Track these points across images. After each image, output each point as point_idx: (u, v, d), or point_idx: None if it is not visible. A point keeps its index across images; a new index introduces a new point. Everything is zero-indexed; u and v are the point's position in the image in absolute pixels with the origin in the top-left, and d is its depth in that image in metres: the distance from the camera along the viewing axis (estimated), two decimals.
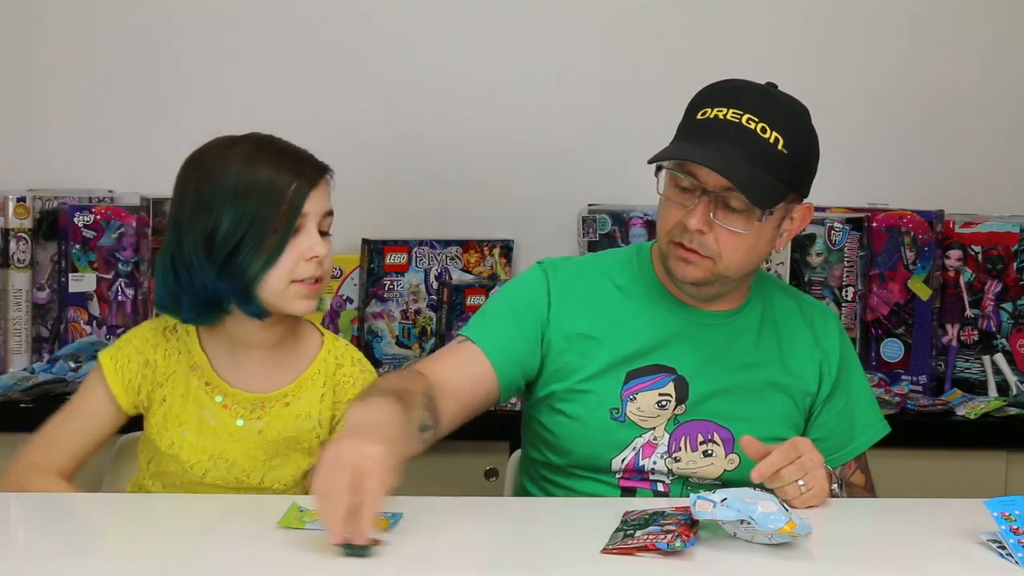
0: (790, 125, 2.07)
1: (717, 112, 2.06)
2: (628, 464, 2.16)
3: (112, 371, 2.17)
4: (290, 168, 2.08)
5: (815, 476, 1.97)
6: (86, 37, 3.12)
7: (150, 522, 1.95)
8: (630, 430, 2.16)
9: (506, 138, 3.16)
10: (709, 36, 3.17)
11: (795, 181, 2.09)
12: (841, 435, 2.24)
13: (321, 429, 2.16)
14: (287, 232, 2.06)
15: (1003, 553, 1.77)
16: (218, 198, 2.04)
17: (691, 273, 2.10)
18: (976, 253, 3.02)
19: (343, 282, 3.03)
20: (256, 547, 1.81)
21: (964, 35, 3.23)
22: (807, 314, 2.27)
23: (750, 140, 2.03)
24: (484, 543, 1.89)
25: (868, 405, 2.29)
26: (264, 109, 3.07)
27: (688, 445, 2.16)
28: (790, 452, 1.96)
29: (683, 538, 1.74)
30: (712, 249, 2.07)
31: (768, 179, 2.04)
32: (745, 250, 2.09)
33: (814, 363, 2.23)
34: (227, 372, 2.16)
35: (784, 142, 2.04)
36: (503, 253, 3.11)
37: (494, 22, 3.17)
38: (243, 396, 2.15)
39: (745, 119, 2.04)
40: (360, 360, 2.23)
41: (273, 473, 2.15)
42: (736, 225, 2.06)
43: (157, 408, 2.16)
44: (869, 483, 2.26)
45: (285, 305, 2.09)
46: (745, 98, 2.07)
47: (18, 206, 2.93)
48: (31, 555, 1.80)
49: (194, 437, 2.14)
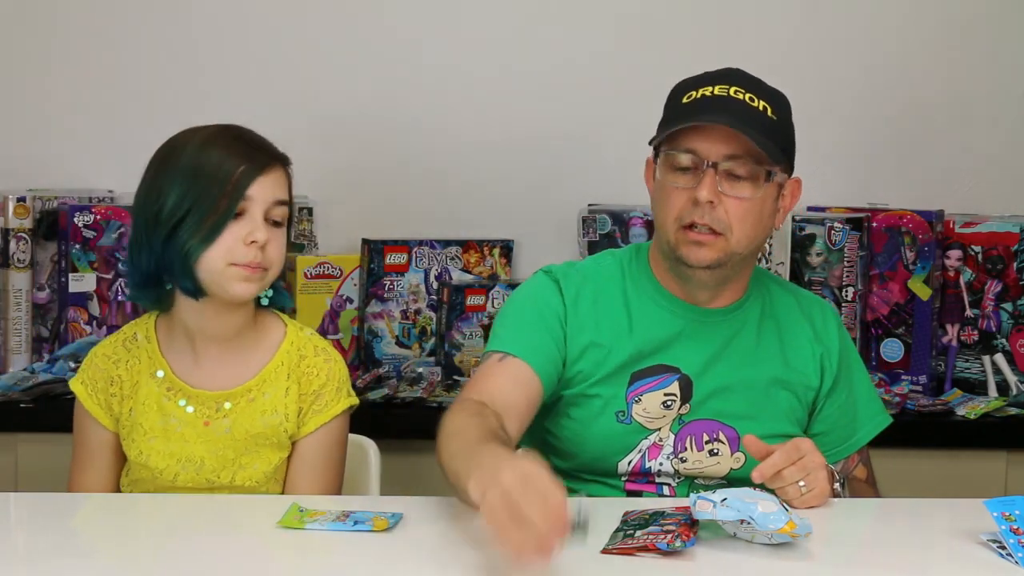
0: (772, 96, 2.12)
1: (704, 91, 2.09)
2: (635, 467, 2.16)
3: (86, 396, 2.17)
4: (241, 153, 2.07)
5: (816, 477, 1.97)
6: (86, 37, 3.12)
7: (149, 522, 1.95)
8: (636, 432, 2.15)
9: (506, 138, 3.16)
10: (710, 37, 3.17)
11: (786, 148, 2.13)
12: (844, 428, 2.24)
13: (288, 423, 2.14)
14: (228, 213, 2.04)
15: (1003, 553, 1.77)
16: (168, 178, 2.06)
17: (705, 256, 2.09)
18: (976, 253, 3.02)
19: (343, 282, 3.03)
20: (256, 547, 1.81)
21: (965, 35, 3.23)
22: (806, 309, 2.27)
23: (742, 107, 2.07)
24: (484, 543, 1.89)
25: (869, 397, 2.29)
26: (264, 109, 3.07)
27: (694, 445, 2.16)
28: (792, 453, 1.96)
29: (683, 538, 1.74)
30: (723, 222, 2.07)
31: (768, 140, 2.07)
32: (753, 220, 2.09)
33: (815, 358, 2.23)
34: (187, 373, 2.14)
35: (772, 109, 2.10)
36: (503, 253, 3.11)
37: (494, 22, 3.17)
38: (205, 395, 2.13)
39: (733, 91, 2.08)
40: (324, 349, 2.19)
41: (243, 471, 2.13)
42: (743, 192, 2.07)
43: (125, 420, 2.15)
44: (871, 477, 2.27)
45: (223, 286, 2.06)
46: (726, 76, 2.12)
47: (18, 206, 2.93)
48: (31, 555, 1.79)
49: (161, 443, 2.12)
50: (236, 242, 2.05)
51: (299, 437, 2.15)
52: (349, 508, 1.90)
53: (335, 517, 1.86)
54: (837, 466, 2.19)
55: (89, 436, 2.18)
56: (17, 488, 2.68)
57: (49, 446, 2.71)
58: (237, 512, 2.00)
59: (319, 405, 2.15)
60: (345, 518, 1.86)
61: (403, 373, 2.97)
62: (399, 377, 2.96)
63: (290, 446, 2.16)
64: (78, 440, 2.20)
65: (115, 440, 2.17)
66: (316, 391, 2.15)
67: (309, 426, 2.15)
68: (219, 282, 2.06)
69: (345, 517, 1.86)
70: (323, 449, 2.16)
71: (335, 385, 2.17)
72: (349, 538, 1.81)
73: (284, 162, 2.13)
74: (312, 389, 2.15)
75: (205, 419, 2.13)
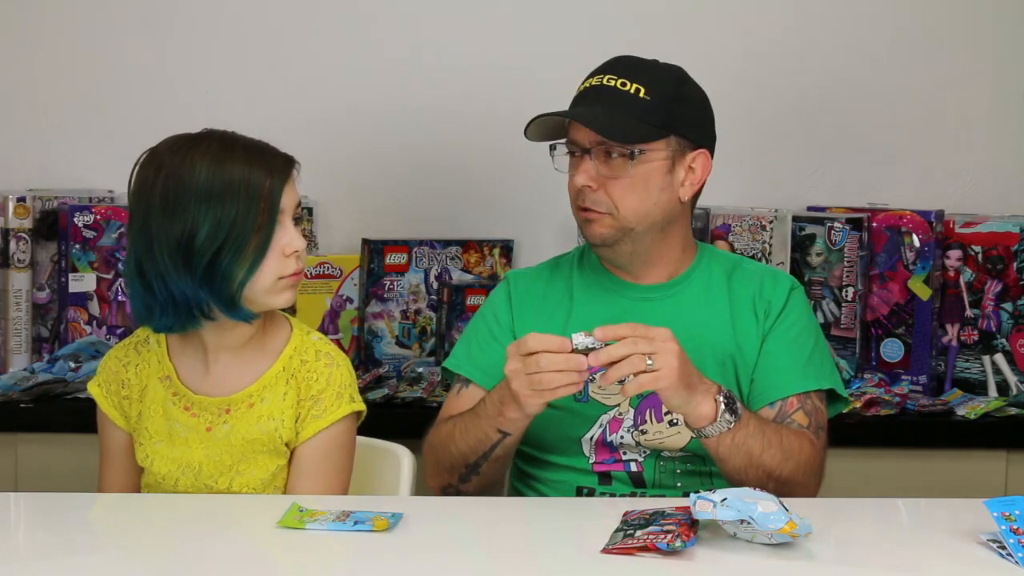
0: (651, 76, 2.21)
1: (587, 84, 2.25)
2: (597, 440, 2.21)
3: (102, 398, 2.17)
4: (261, 164, 2.03)
5: (665, 359, 1.98)
6: (86, 37, 3.12)
7: (150, 522, 1.94)
8: (594, 408, 2.22)
9: (506, 138, 3.15)
10: (709, 36, 3.17)
11: (667, 122, 2.19)
12: (772, 372, 2.23)
13: (284, 429, 2.10)
14: (269, 231, 2.02)
15: (1003, 553, 1.77)
16: (191, 202, 1.99)
17: (598, 231, 2.21)
18: (976, 253, 3.02)
19: (343, 282, 3.03)
20: (256, 547, 1.81)
21: (965, 35, 3.23)
22: (758, 276, 2.30)
23: (610, 94, 2.19)
24: (484, 543, 1.89)
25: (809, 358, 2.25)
26: (264, 109, 3.08)
27: (653, 417, 2.21)
28: (639, 328, 2.01)
29: (683, 538, 1.74)
30: (606, 203, 2.20)
31: (631, 121, 2.17)
32: (637, 197, 2.19)
33: (757, 317, 2.25)
34: (193, 380, 2.12)
35: (645, 90, 2.19)
36: (503, 253, 3.11)
37: (495, 22, 3.17)
38: (208, 402, 2.11)
39: (606, 79, 2.21)
40: (328, 354, 2.14)
41: (240, 478, 2.10)
42: (618, 172, 2.19)
43: (135, 423, 2.14)
44: (814, 426, 2.21)
45: (270, 301, 2.06)
46: (609, 66, 2.24)
47: (18, 206, 2.93)
48: (31, 555, 1.80)
49: (165, 448, 2.11)
50: (279, 256, 2.04)
51: (297, 443, 2.12)
52: (349, 508, 1.90)
53: (335, 517, 1.86)
54: (774, 409, 2.19)
55: (108, 438, 2.18)
56: (17, 488, 2.68)
57: (49, 446, 2.73)
58: (237, 512, 2.00)
59: (318, 410, 2.11)
60: (345, 518, 1.85)
61: (403, 373, 2.97)
62: (399, 377, 2.96)
63: (287, 452, 2.12)
64: (101, 442, 2.20)
65: (132, 442, 2.16)
66: (315, 396, 2.11)
67: (307, 432, 2.11)
68: (266, 299, 2.05)
69: (345, 517, 1.86)
70: (322, 455, 2.12)
71: (335, 390, 2.12)
72: (349, 538, 1.81)
73: (296, 164, 2.11)
74: (311, 394, 2.11)
75: (207, 425, 2.11)
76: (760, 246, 3.00)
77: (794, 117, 3.20)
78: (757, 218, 3.01)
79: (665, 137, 2.20)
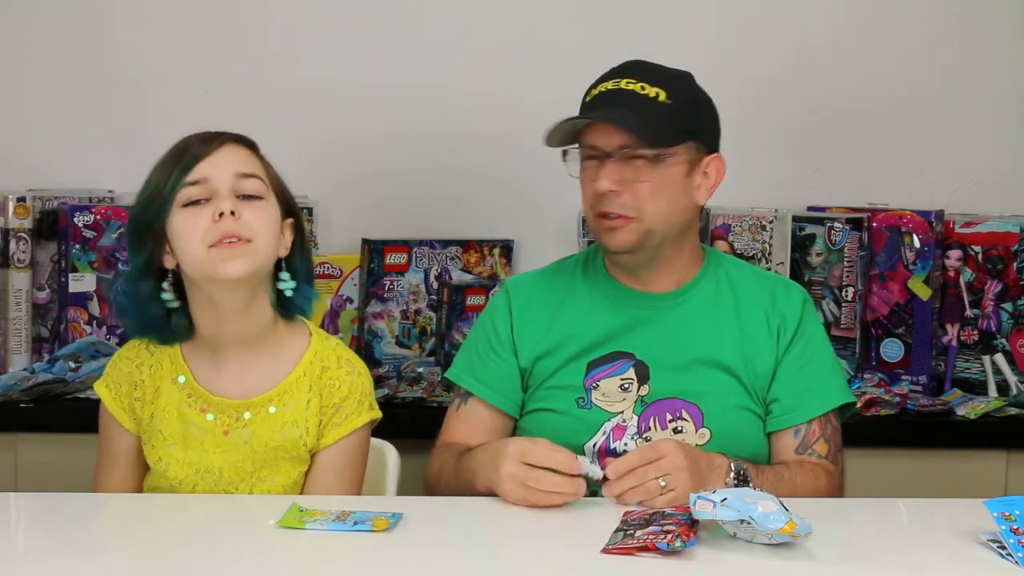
0: (669, 81, 2.19)
1: (600, 88, 2.21)
2: (600, 447, 2.20)
3: (110, 399, 2.15)
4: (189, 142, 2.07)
5: (678, 478, 1.97)
6: (86, 37, 3.12)
7: (150, 522, 1.94)
8: (598, 415, 2.21)
9: (506, 138, 3.16)
10: (710, 37, 3.17)
11: (687, 127, 2.19)
12: (796, 396, 2.23)
13: (308, 436, 2.10)
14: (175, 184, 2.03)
15: (1003, 553, 1.77)
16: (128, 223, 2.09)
17: (622, 239, 2.18)
18: (976, 253, 3.02)
19: (343, 282, 3.03)
20: (256, 547, 1.81)
21: (965, 35, 3.23)
22: (768, 286, 2.29)
23: (630, 97, 2.17)
24: (484, 543, 1.89)
25: (831, 373, 2.27)
26: (264, 109, 3.07)
27: (657, 424, 2.20)
28: (648, 453, 1.99)
29: (683, 538, 1.74)
30: (631, 206, 2.17)
31: (654, 123, 2.15)
32: (666, 198, 2.17)
33: (771, 331, 2.24)
34: (209, 380, 2.11)
35: (666, 94, 2.17)
36: (503, 253, 3.11)
37: (495, 22, 3.17)
38: (226, 404, 2.09)
39: (624, 83, 2.19)
40: (349, 361, 2.16)
41: (262, 484, 2.10)
42: (643, 175, 2.16)
43: (147, 425, 2.13)
44: (832, 452, 2.23)
45: (212, 273, 2.01)
46: (624, 70, 2.22)
47: (18, 206, 2.93)
48: (31, 555, 1.79)
49: (180, 451, 2.10)
50: (207, 224, 2.00)
51: (318, 449, 2.12)
52: (349, 508, 1.90)
53: (335, 517, 1.86)
54: (797, 438, 2.20)
55: (113, 439, 2.16)
56: (17, 488, 2.68)
57: (49, 446, 2.73)
58: (237, 512, 2.00)
59: (339, 418, 2.12)
60: (345, 518, 1.85)
61: (403, 373, 2.97)
62: (399, 377, 2.96)
63: (309, 459, 2.12)
64: (103, 442, 2.18)
65: (139, 444, 2.14)
66: (337, 404, 2.12)
67: (328, 438, 2.11)
68: (207, 271, 2.01)
69: (345, 517, 1.86)
70: (342, 462, 2.12)
71: (357, 398, 2.13)
72: (349, 538, 1.81)
73: (240, 140, 2.08)
74: (333, 402, 2.12)
75: (225, 428, 2.09)
76: (760, 246, 3.00)
77: (794, 117, 3.20)
78: (757, 218, 3.01)
79: (686, 141, 2.19)
